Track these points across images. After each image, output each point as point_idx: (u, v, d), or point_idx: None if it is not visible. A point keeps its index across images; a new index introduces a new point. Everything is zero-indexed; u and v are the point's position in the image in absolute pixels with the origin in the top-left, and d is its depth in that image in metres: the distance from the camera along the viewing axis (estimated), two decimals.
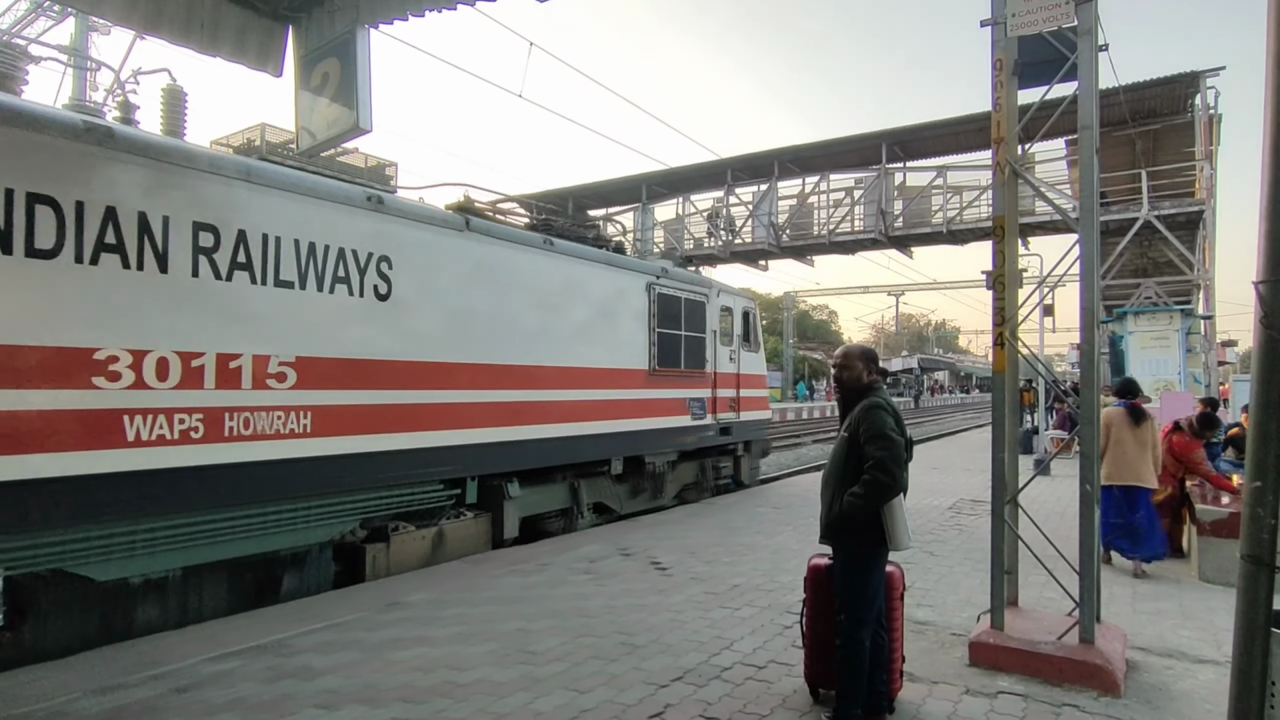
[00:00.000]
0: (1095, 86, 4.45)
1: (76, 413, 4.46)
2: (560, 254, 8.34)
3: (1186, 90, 16.25)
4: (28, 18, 14.61)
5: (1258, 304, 2.06)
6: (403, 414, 6.40)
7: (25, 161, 4.35)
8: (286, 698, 3.82)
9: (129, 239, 4.77)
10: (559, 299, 8.25)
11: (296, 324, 5.65)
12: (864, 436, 3.46)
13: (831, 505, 3.56)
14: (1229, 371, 23.01)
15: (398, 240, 6.44)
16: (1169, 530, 7.02)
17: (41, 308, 4.38)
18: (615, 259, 9.36)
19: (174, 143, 5.39)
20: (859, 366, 3.73)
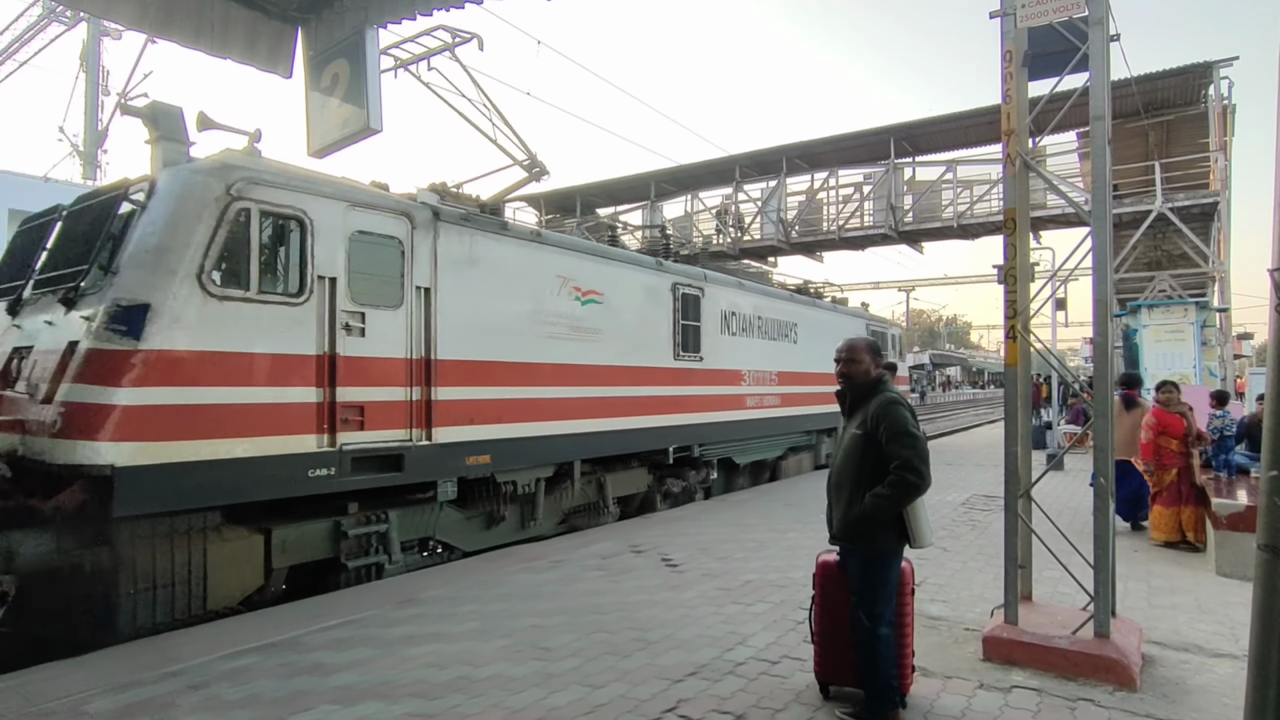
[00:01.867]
0: (1107, 77, 4.41)
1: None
2: (774, 296, 13.05)
3: (1200, 81, 16.06)
4: (41, 22, 14.74)
5: (1273, 291, 2.05)
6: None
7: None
8: (301, 694, 3.85)
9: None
10: (785, 325, 12.99)
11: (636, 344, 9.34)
12: (886, 435, 3.32)
13: (849, 505, 3.43)
14: (1245, 365, 22.79)
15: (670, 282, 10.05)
16: (1183, 519, 7.43)
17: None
18: (851, 310, 16.48)
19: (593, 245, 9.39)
20: (866, 360, 3.59)
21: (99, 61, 14.76)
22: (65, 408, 4.71)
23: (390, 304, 6.24)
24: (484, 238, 7.18)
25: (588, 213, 24.80)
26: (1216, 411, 8.73)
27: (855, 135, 20.14)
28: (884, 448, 3.32)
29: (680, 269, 10.32)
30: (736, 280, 11.77)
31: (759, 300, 12.08)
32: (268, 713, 3.64)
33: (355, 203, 6.08)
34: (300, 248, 5.67)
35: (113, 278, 5.03)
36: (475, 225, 7.12)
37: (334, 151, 7.63)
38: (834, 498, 3.57)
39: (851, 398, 3.62)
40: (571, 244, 8.54)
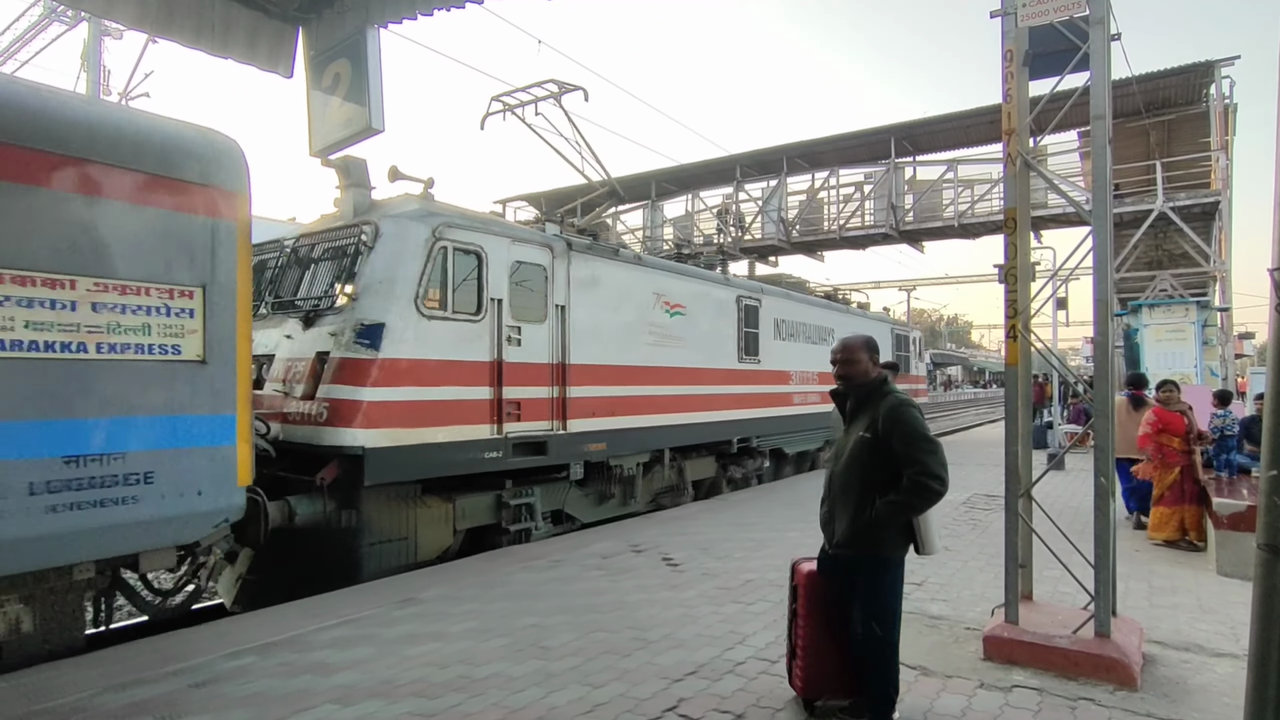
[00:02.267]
0: (1107, 76, 4.41)
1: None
2: (807, 303, 14.24)
3: (1201, 80, 16.06)
4: (42, 22, 14.75)
5: (1273, 290, 2.05)
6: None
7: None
8: (303, 692, 3.86)
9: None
10: (823, 330, 14.44)
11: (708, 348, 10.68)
12: (901, 439, 3.18)
13: (859, 512, 3.26)
14: (1246, 364, 22.77)
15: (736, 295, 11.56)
16: (1185, 519, 7.49)
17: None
18: (877, 315, 18.08)
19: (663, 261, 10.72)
20: (864, 359, 3.42)
21: (100, 61, 14.77)
22: (327, 403, 6.14)
23: (537, 319, 7.71)
24: (601, 262, 8.70)
25: (588, 211, 24.81)
26: (1218, 411, 8.75)
27: (856, 135, 20.15)
28: (900, 452, 3.17)
29: (743, 282, 12.09)
30: (784, 291, 13.40)
31: (803, 308, 13.74)
32: (269, 711, 3.64)
33: (515, 238, 7.57)
34: (479, 276, 7.11)
35: (352, 303, 6.43)
36: (595, 252, 8.65)
37: (336, 151, 7.63)
38: (838, 504, 3.40)
39: (854, 400, 3.45)
40: (663, 265, 10.26)
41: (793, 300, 13.48)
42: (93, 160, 4.31)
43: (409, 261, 6.55)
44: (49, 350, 4.16)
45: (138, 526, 4.47)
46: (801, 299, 14.00)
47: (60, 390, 4.17)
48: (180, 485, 4.64)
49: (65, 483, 4.16)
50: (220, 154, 4.98)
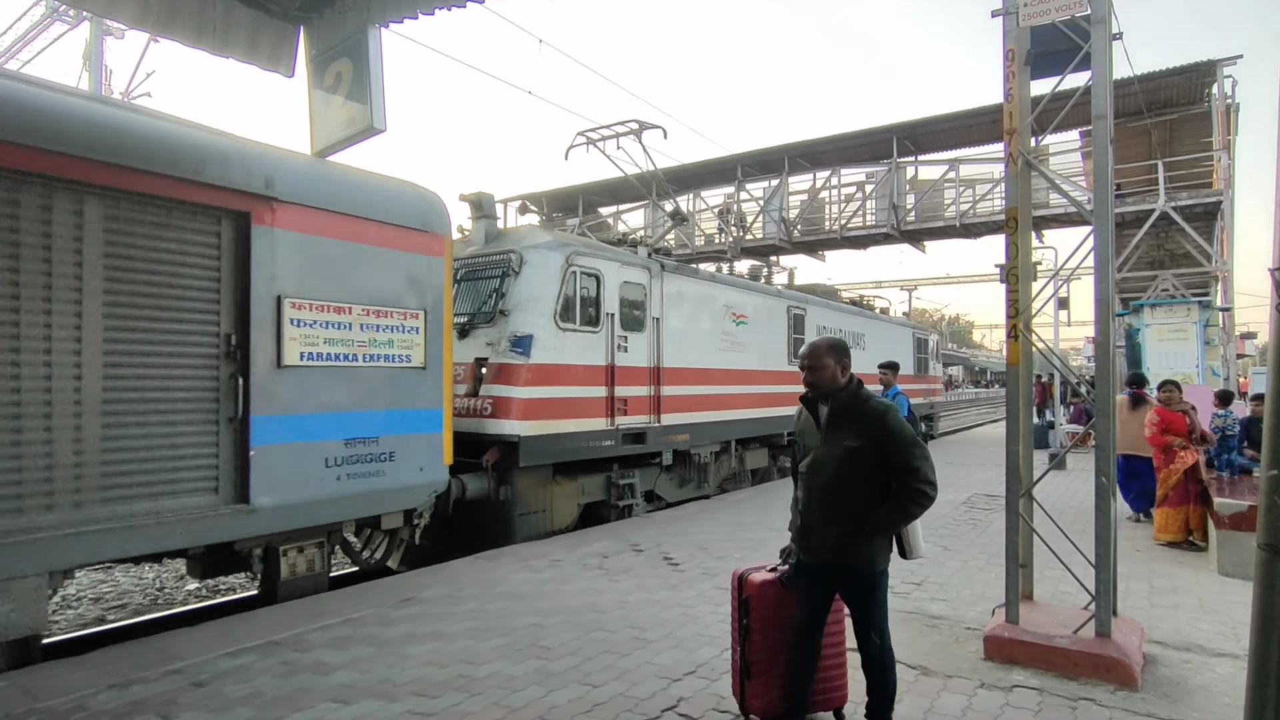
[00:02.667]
0: (1109, 76, 4.41)
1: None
2: (848, 312, 15.93)
3: (1203, 80, 16.02)
4: (43, 22, 14.77)
5: (1273, 291, 2.04)
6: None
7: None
8: (302, 692, 3.86)
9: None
10: (857, 335, 15.71)
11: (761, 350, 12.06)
12: (895, 446, 3.08)
13: (854, 523, 3.12)
14: (1248, 364, 22.73)
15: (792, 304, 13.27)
16: (1190, 519, 7.50)
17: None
18: (899, 320, 19.99)
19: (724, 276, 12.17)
20: (830, 364, 3.23)
21: (102, 61, 14.78)
22: (490, 399, 7.72)
23: (639, 329, 9.27)
24: (686, 280, 10.31)
25: (590, 212, 24.79)
26: (1219, 411, 8.73)
27: (857, 134, 20.11)
28: (894, 460, 3.08)
29: (791, 294, 13.70)
30: (824, 300, 15.07)
31: (838, 315, 15.26)
32: (268, 710, 3.64)
33: (623, 262, 9.13)
34: (598, 294, 8.63)
35: (505, 318, 7.97)
36: (681, 272, 10.30)
37: (338, 151, 7.62)
38: (825, 516, 3.20)
39: (833, 407, 3.25)
40: (732, 281, 11.93)
41: (830, 308, 15.09)
42: (371, 219, 6.02)
43: (549, 283, 8.08)
44: (337, 360, 5.72)
45: (386, 494, 6.06)
46: (838, 307, 15.62)
47: (341, 391, 5.72)
48: (411, 463, 6.22)
49: (346, 459, 5.75)
50: (432, 205, 6.57)
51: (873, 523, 3.11)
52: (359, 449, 5.83)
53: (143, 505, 4.69)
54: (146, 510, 4.70)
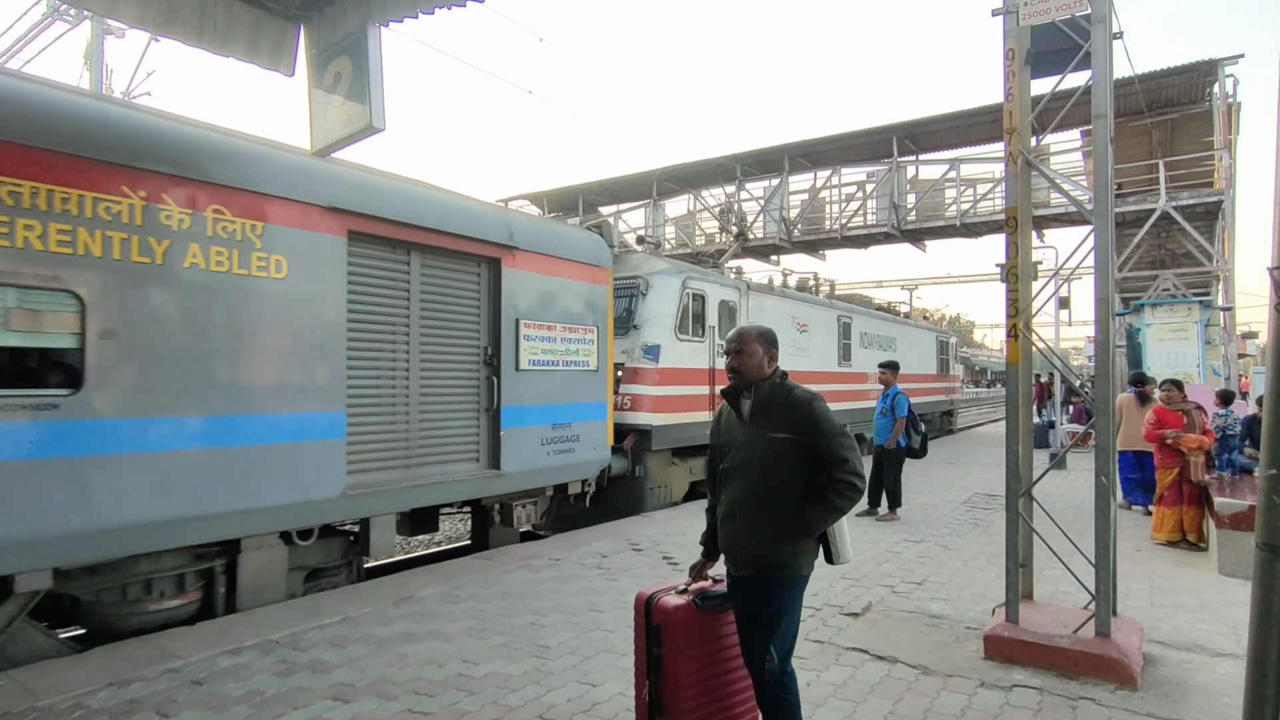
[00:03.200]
0: (1109, 75, 4.40)
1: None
2: (885, 319, 18.19)
3: (1204, 79, 16.00)
4: (44, 22, 14.76)
5: (1272, 290, 2.04)
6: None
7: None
8: (300, 690, 3.85)
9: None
10: (889, 339, 17.73)
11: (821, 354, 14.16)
12: (822, 436, 2.80)
13: (781, 523, 2.80)
14: (1249, 364, 22.69)
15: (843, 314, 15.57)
16: (1184, 519, 7.50)
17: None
18: (924, 324, 22.20)
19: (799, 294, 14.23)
20: (758, 352, 2.97)
21: (102, 60, 14.79)
22: (629, 396, 9.49)
23: (723, 338, 11.07)
24: (765, 296, 12.48)
25: (590, 211, 24.78)
26: (1220, 410, 8.73)
27: (858, 134, 20.09)
28: (821, 451, 2.80)
29: (841, 305, 15.78)
30: (865, 309, 17.26)
31: (875, 322, 17.24)
32: (267, 709, 3.64)
33: (721, 284, 11.20)
34: (702, 311, 10.55)
35: (636, 330, 9.83)
36: (761, 290, 12.52)
37: (337, 149, 7.60)
38: (748, 519, 2.86)
39: (756, 398, 2.97)
40: (797, 295, 14.03)
41: (869, 316, 17.07)
42: (567, 259, 7.99)
43: (670, 303, 10.02)
44: (548, 365, 7.63)
45: (574, 466, 8.00)
46: (875, 315, 17.61)
47: (550, 388, 7.63)
48: (589, 444, 8.18)
49: (552, 440, 7.66)
50: (600, 245, 8.67)
51: (800, 522, 2.79)
52: (560, 432, 7.79)
53: (440, 470, 6.59)
54: (442, 473, 6.59)
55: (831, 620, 5.02)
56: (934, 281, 40.65)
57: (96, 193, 4.52)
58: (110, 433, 4.53)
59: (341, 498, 5.70)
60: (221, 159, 5.23)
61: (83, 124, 4.57)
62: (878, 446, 9.04)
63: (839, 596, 5.55)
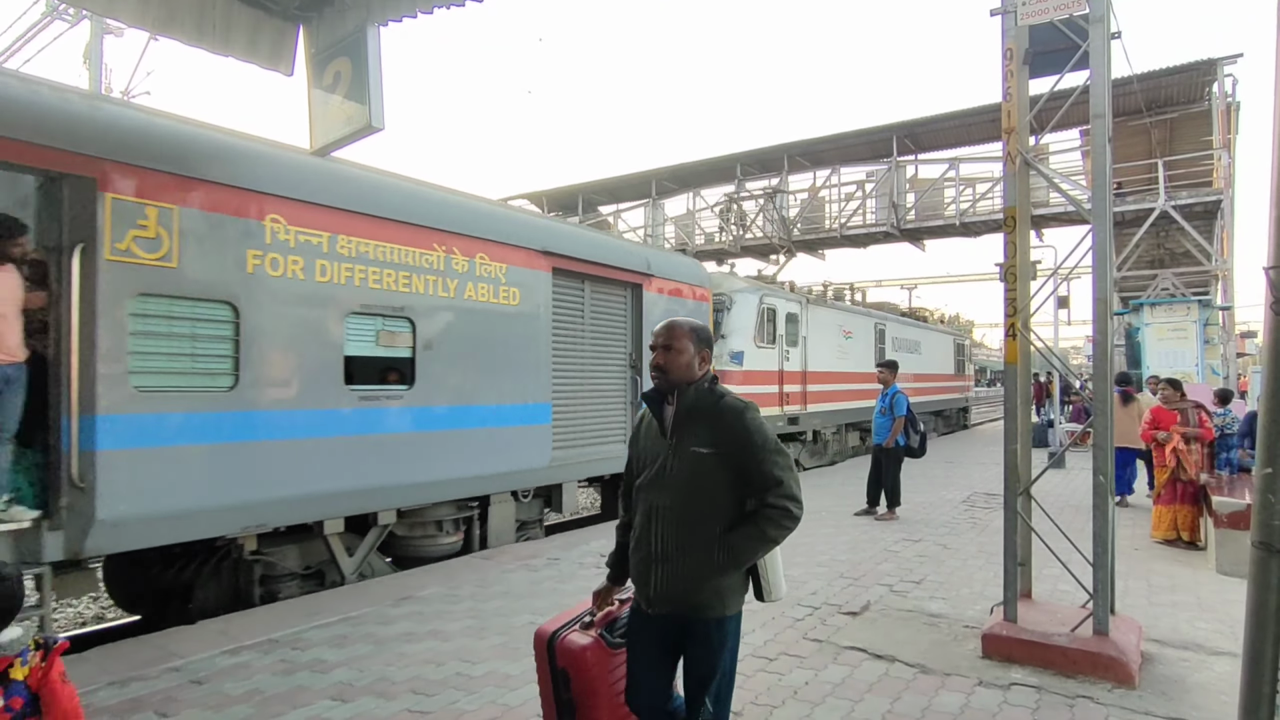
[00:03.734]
0: (1107, 75, 4.40)
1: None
2: (912, 324, 20.57)
3: (1203, 78, 16.02)
4: (43, 21, 14.75)
5: (1268, 289, 2.05)
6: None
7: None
8: (301, 689, 3.86)
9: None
10: (915, 342, 19.94)
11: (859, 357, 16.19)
12: (753, 450, 2.41)
13: (705, 554, 2.39)
14: (1248, 363, 22.70)
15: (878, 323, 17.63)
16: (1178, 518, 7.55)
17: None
18: (945, 329, 24.09)
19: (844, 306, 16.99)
20: (689, 349, 2.54)
21: (102, 59, 14.79)
22: None
23: (795, 344, 13.37)
24: (820, 309, 14.57)
25: (589, 210, 24.78)
26: (1218, 410, 8.75)
27: (858, 133, 20.11)
28: (753, 470, 2.41)
29: (876, 314, 17.73)
30: (897, 317, 19.59)
31: (903, 327, 19.41)
32: (267, 708, 3.65)
33: (787, 299, 13.21)
34: (772, 321, 12.65)
35: (723, 339, 11.75)
36: (817, 303, 14.55)
37: (337, 149, 7.61)
38: (673, 546, 2.43)
39: (681, 405, 2.52)
40: (844, 307, 16.44)
41: (899, 322, 19.26)
42: (683, 282, 9.96)
43: (750, 316, 12.09)
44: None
45: None
46: (903, 321, 19.89)
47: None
48: None
49: None
50: (702, 269, 10.94)
51: (725, 553, 2.38)
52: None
53: (603, 449, 8.55)
54: (604, 451, 8.55)
55: (830, 619, 5.03)
56: (933, 281, 40.64)
57: (420, 248, 6.48)
58: (429, 416, 6.47)
59: (548, 468, 7.75)
60: (486, 218, 7.27)
61: (415, 199, 6.60)
62: (876, 445, 9.06)
63: (838, 595, 5.56)
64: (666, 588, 2.43)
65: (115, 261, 4.60)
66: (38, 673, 2.13)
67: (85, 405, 4.43)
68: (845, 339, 15.40)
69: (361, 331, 6.04)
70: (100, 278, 4.52)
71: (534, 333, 7.56)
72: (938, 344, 21.93)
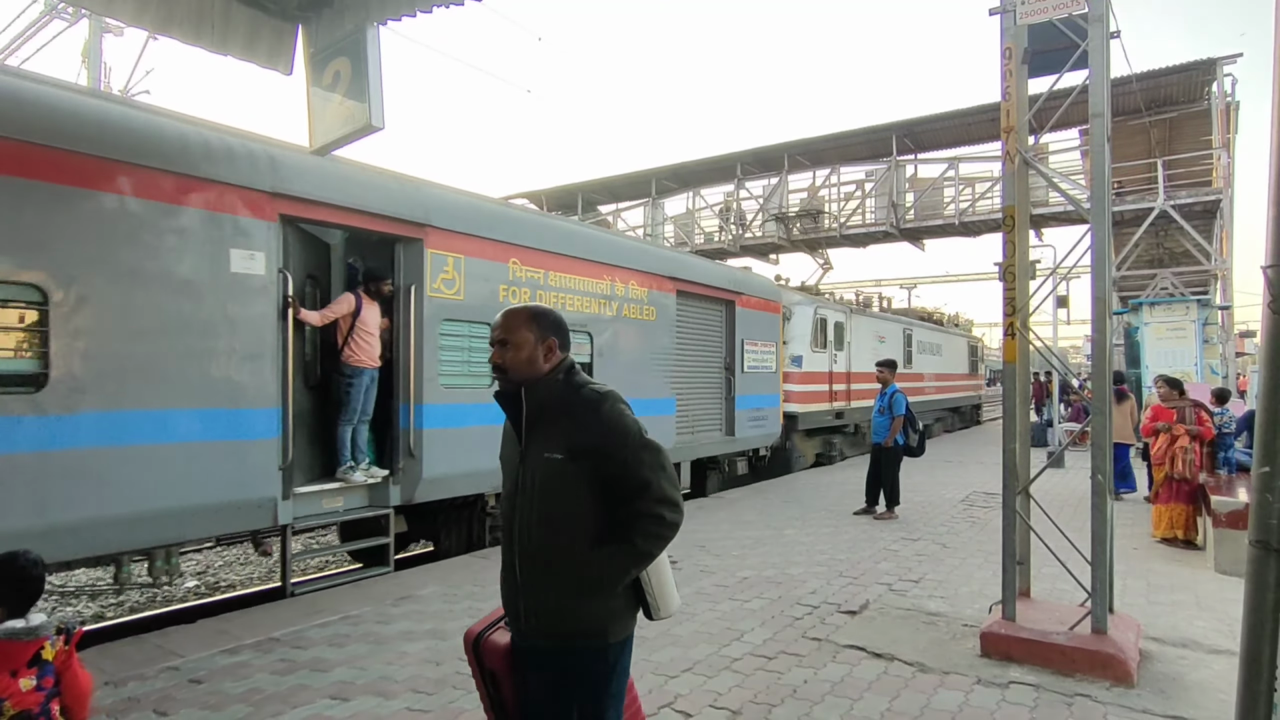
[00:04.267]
0: (1106, 74, 4.41)
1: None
2: (932, 328, 22.68)
3: (1203, 78, 16.03)
4: (42, 20, 14.74)
5: (1267, 288, 2.05)
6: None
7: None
8: (300, 688, 3.86)
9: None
10: (936, 345, 22.40)
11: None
12: (616, 449, 2.06)
13: (568, 574, 2.06)
14: (1247, 363, 22.71)
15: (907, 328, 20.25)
16: (1173, 516, 7.53)
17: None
18: (961, 332, 26.36)
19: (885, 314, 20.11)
20: (530, 340, 2.15)
21: (100, 58, 14.78)
22: (783, 393, 12.76)
23: (841, 348, 15.44)
24: (861, 317, 16.98)
25: (589, 210, 24.77)
26: (1216, 409, 8.75)
27: (857, 132, 20.11)
28: (617, 474, 2.06)
29: (904, 320, 20.17)
30: (921, 322, 21.75)
31: (926, 331, 21.47)
32: (266, 708, 3.65)
33: (835, 309, 15.55)
34: (824, 329, 14.73)
35: (785, 345, 13.21)
36: (860, 312, 17.15)
37: (336, 148, 7.60)
38: (528, 570, 2.11)
39: (530, 404, 2.15)
40: (879, 315, 18.79)
41: (923, 327, 21.36)
42: (762, 298, 11.90)
43: (807, 325, 14.21)
44: (755, 369, 11.53)
45: (762, 437, 11.83)
46: (926, 325, 21.96)
47: (754, 384, 11.44)
48: (772, 421, 12.03)
49: (752, 418, 11.42)
50: (776, 286, 13.10)
51: (593, 574, 2.06)
52: (755, 413, 11.52)
53: (709, 435, 10.67)
54: (709, 438, 10.67)
55: (829, 618, 5.03)
56: (933, 280, 40.56)
57: (595, 279, 8.46)
58: None
59: (674, 449, 9.47)
60: (635, 253, 9.39)
61: (593, 241, 8.76)
62: (875, 444, 9.06)
63: (836, 594, 5.57)
64: (537, 619, 2.09)
65: (433, 297, 6.56)
66: (62, 655, 2.33)
67: (416, 398, 6.40)
68: (879, 343, 17.31)
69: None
70: (425, 308, 6.47)
71: (665, 342, 9.60)
72: (955, 346, 24.40)
